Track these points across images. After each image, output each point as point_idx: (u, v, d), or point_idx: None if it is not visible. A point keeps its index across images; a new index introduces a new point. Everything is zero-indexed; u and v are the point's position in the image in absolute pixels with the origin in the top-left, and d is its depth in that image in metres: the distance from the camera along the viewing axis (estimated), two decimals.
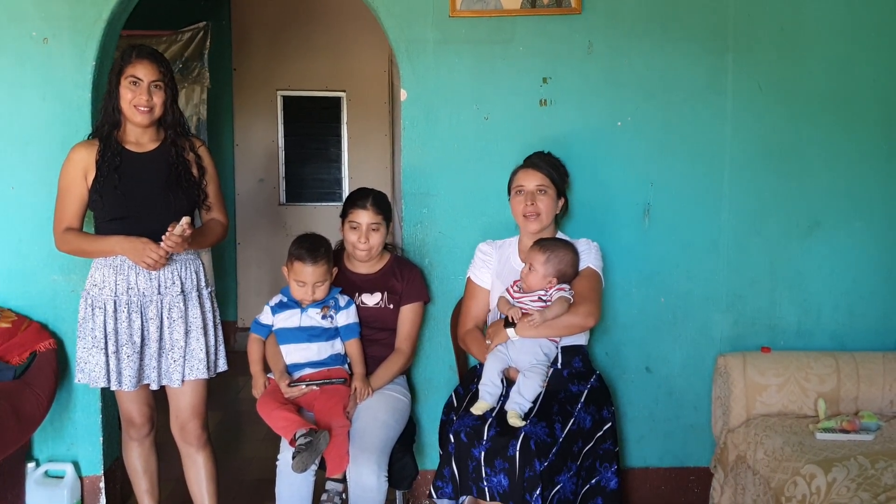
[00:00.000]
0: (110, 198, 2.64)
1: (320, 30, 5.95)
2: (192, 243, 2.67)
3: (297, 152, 6.17)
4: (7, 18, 3.05)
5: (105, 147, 2.67)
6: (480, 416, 2.59)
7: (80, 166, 2.68)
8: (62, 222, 2.70)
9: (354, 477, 2.61)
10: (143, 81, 2.63)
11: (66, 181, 2.70)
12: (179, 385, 2.72)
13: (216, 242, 2.88)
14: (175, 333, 2.69)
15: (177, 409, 2.80)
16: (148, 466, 2.91)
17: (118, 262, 2.65)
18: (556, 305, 2.65)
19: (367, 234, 2.88)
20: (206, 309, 2.78)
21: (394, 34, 3.14)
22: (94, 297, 2.68)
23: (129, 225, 2.64)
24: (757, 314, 3.27)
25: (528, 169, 2.87)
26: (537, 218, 2.82)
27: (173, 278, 2.69)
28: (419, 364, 3.23)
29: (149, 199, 2.67)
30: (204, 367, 2.73)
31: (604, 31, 3.15)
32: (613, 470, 2.70)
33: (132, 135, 2.72)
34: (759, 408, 2.97)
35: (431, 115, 3.17)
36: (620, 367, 3.29)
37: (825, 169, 3.23)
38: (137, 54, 2.65)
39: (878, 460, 2.45)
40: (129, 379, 2.66)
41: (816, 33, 3.18)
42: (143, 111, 2.64)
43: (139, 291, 2.66)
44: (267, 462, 2.99)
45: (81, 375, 2.71)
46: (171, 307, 2.68)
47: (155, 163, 2.71)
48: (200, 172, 2.79)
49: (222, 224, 2.87)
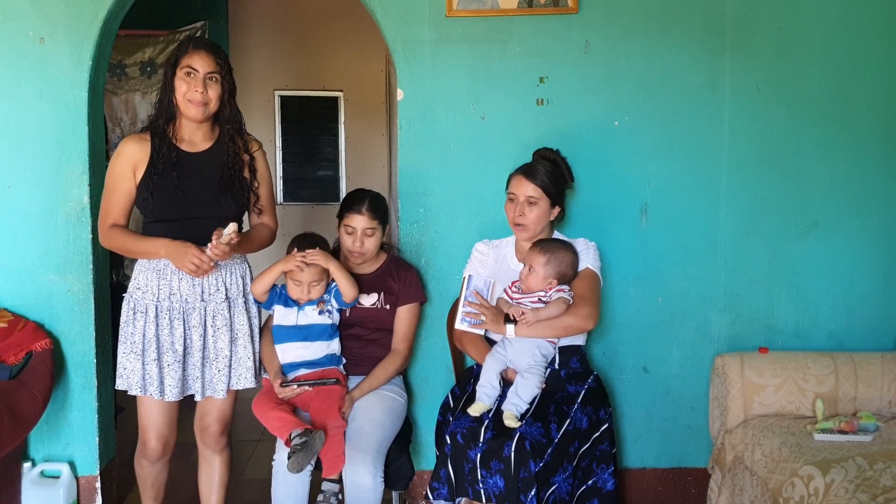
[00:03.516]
0: (161, 198, 2.55)
1: (317, 30, 5.94)
2: (239, 248, 2.59)
3: (295, 152, 6.16)
4: (3, 17, 3.04)
5: (160, 143, 2.58)
6: (477, 417, 2.58)
7: (130, 161, 2.57)
8: (108, 218, 2.60)
9: (350, 477, 2.60)
10: (198, 72, 2.53)
11: (114, 176, 2.59)
12: (224, 395, 2.65)
13: (263, 247, 2.78)
14: (220, 342, 2.61)
15: (203, 412, 2.74)
16: (156, 481, 2.83)
17: (161, 266, 2.57)
18: (553, 306, 2.65)
19: (362, 238, 2.87)
20: (252, 315, 2.71)
21: (390, 34, 3.13)
22: (136, 300, 2.59)
23: (177, 227, 2.55)
24: (755, 314, 3.26)
25: (523, 177, 2.81)
26: (524, 229, 2.80)
27: (217, 284, 2.61)
28: (415, 364, 3.23)
29: (200, 203, 2.58)
30: (251, 376, 2.67)
31: (601, 30, 3.15)
32: (610, 471, 2.69)
33: (186, 132, 2.62)
34: (756, 408, 2.97)
35: (428, 115, 3.16)
36: (618, 368, 3.28)
37: (823, 168, 3.22)
38: (195, 45, 2.57)
39: (876, 461, 2.44)
40: (171, 388, 2.58)
41: (814, 33, 3.18)
42: (198, 105, 2.55)
43: (182, 297, 2.58)
44: (263, 463, 2.99)
45: (121, 381, 2.62)
46: (216, 315, 2.61)
47: (208, 164, 2.62)
48: (252, 174, 2.70)
49: (270, 229, 2.79)
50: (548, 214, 2.83)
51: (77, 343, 3.13)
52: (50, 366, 3.00)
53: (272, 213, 2.81)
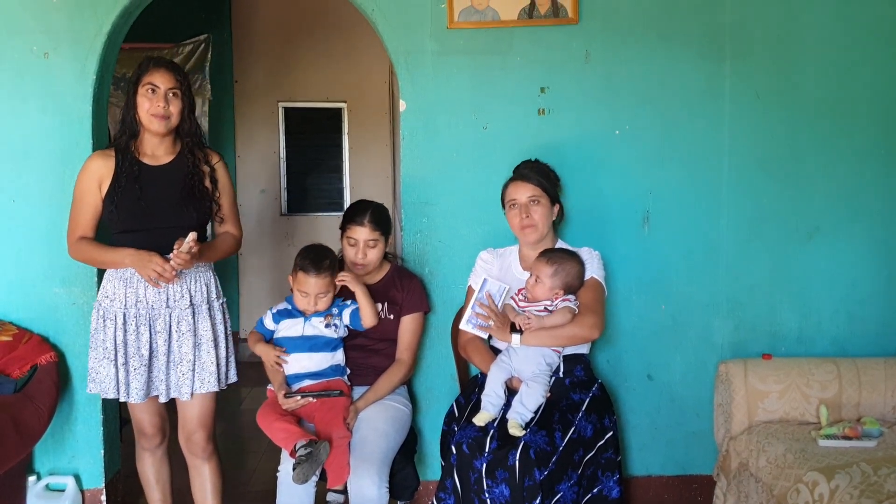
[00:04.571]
0: (125, 210, 2.64)
1: (321, 41, 5.97)
2: (202, 257, 2.66)
3: (299, 163, 6.19)
4: (8, 33, 3.07)
5: (122, 158, 2.67)
6: (482, 426, 2.58)
7: (96, 176, 2.68)
8: (76, 231, 2.71)
9: (355, 488, 2.60)
10: (160, 89, 2.63)
11: (81, 191, 2.70)
12: (189, 398, 2.71)
13: (228, 255, 2.85)
14: (184, 347, 2.67)
15: (184, 420, 2.79)
16: (160, 476, 2.90)
17: (128, 275, 2.65)
18: (558, 314, 2.65)
19: (365, 250, 2.88)
20: (216, 321, 2.76)
21: (392, 46, 3.15)
22: (105, 308, 2.67)
23: (141, 238, 2.63)
24: (757, 320, 3.27)
25: (518, 181, 2.86)
26: (534, 229, 2.82)
27: (182, 291, 2.68)
28: (420, 374, 3.23)
29: (163, 214, 2.66)
30: (214, 380, 2.71)
31: (601, 40, 3.16)
32: (615, 479, 2.69)
33: (148, 146, 2.71)
34: (760, 415, 2.96)
35: (430, 126, 3.18)
36: (622, 375, 3.28)
37: (823, 175, 3.23)
38: (154, 63, 2.67)
39: (881, 467, 2.44)
40: (136, 391, 2.66)
41: (813, 40, 3.19)
42: (160, 118, 2.64)
43: (148, 304, 2.65)
44: (268, 474, 2.99)
45: (93, 385, 2.71)
46: (180, 320, 2.67)
47: (170, 176, 2.70)
48: (213, 185, 2.77)
49: (235, 237, 2.85)
50: (551, 212, 2.85)
51: (82, 356, 3.12)
52: (55, 379, 3.01)
53: (235, 221, 2.87)
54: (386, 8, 3.13)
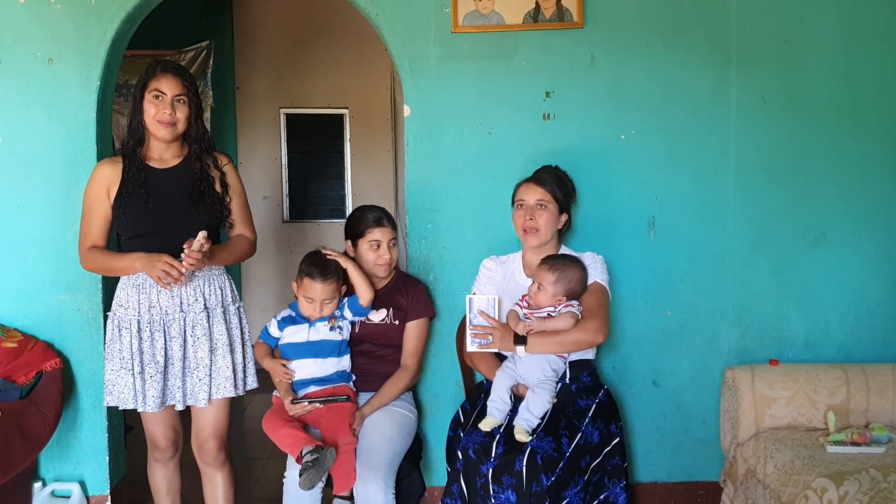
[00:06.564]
0: (132, 214, 2.62)
1: (322, 48, 5.97)
2: (215, 259, 2.64)
3: (301, 169, 6.18)
4: (12, 40, 3.07)
5: (129, 163, 2.66)
6: (488, 432, 2.58)
7: (104, 183, 2.66)
8: (86, 241, 2.68)
9: (361, 494, 2.59)
10: (166, 95, 2.61)
11: (90, 199, 2.68)
12: (206, 404, 2.67)
13: (242, 258, 2.82)
14: (199, 352, 2.64)
15: (197, 428, 2.76)
16: (171, 487, 2.87)
17: (140, 281, 2.62)
18: (561, 319, 2.65)
19: (389, 249, 2.90)
20: (232, 325, 2.73)
21: (396, 51, 3.15)
22: (119, 317, 2.64)
23: (152, 242, 2.60)
24: (764, 326, 3.26)
25: (531, 183, 2.86)
26: (536, 233, 2.81)
27: (196, 295, 2.65)
28: (425, 380, 3.22)
29: (171, 216, 2.64)
30: (231, 385, 2.68)
31: (606, 44, 3.16)
32: (622, 485, 2.68)
33: (155, 151, 2.70)
34: (768, 421, 2.95)
35: (435, 131, 3.17)
36: (628, 382, 3.27)
37: (830, 180, 3.22)
38: (161, 68, 2.64)
39: (890, 473, 2.43)
40: (152, 399, 2.61)
41: (819, 45, 3.19)
42: (167, 125, 2.62)
43: (161, 310, 2.62)
44: (274, 480, 2.98)
45: (110, 398, 2.66)
46: (195, 325, 2.64)
47: (177, 179, 2.68)
48: (224, 189, 2.75)
49: (249, 240, 2.83)
50: (556, 220, 2.84)
51: (87, 362, 3.14)
52: (60, 385, 3.00)
53: (248, 224, 2.84)
54: (390, 12, 3.13)
